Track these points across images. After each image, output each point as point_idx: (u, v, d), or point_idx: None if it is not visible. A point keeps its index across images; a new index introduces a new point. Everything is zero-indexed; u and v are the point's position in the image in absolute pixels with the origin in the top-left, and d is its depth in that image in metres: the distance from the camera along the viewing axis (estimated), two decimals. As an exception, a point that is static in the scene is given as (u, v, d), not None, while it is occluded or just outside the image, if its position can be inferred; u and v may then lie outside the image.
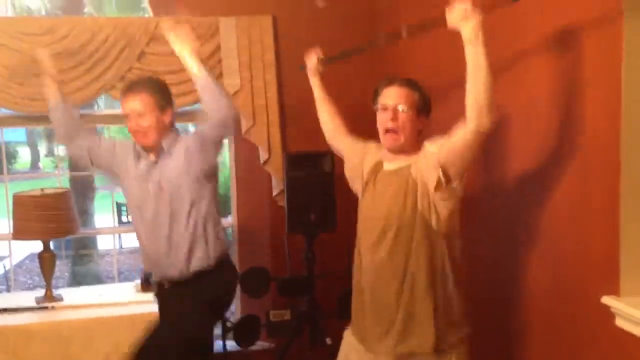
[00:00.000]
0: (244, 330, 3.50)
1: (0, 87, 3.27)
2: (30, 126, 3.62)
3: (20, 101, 3.32)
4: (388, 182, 2.12)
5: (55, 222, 3.16)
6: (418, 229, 2.00)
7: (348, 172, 2.37)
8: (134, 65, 3.40)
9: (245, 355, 3.68)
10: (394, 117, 2.06)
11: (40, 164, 18.93)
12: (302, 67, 2.78)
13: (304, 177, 3.35)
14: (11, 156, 15.84)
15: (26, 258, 8.46)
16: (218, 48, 3.50)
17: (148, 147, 2.63)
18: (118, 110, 3.72)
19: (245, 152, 3.74)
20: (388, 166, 2.16)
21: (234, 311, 4.08)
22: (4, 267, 7.32)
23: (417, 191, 2.01)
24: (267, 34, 3.57)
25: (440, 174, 1.94)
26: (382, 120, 2.11)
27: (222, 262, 2.70)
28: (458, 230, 2.08)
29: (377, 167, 2.20)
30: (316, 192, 3.33)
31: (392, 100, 2.08)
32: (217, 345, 3.50)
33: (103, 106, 7.18)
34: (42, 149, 19.85)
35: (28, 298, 3.27)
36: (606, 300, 1.80)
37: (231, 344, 3.54)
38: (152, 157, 2.65)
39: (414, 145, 2.10)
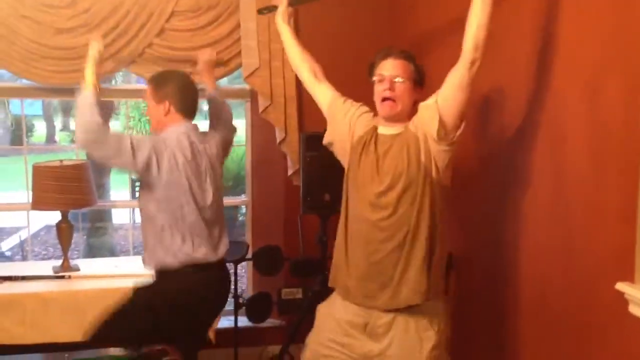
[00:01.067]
0: (256, 307, 3.55)
1: (22, 58, 3.30)
2: (51, 98, 3.67)
3: (42, 73, 3.34)
4: (388, 144, 2.20)
5: (73, 194, 3.21)
6: (422, 182, 2.11)
7: (333, 134, 2.43)
8: (153, 41, 3.41)
9: (257, 331, 3.73)
10: (391, 87, 2.17)
11: (57, 138, 19.07)
12: (264, 10, 2.86)
13: (320, 157, 3.36)
14: (27, 129, 15.93)
15: (41, 229, 8.59)
16: (237, 27, 3.49)
17: None
18: (135, 85, 3.77)
19: (261, 131, 3.76)
20: (384, 130, 2.24)
21: (245, 288, 4.14)
22: (20, 237, 7.44)
23: (419, 145, 2.12)
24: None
25: (437, 122, 2.09)
26: (379, 90, 2.20)
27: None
28: (450, 183, 2.22)
29: (373, 130, 2.27)
30: (331, 173, 3.32)
31: (389, 71, 2.18)
32: (229, 320, 3.56)
33: (120, 81, 7.22)
34: (58, 123, 19.98)
35: (45, 267, 3.33)
36: (620, 286, 1.80)
37: (243, 320, 3.59)
38: None
39: (409, 115, 2.22)
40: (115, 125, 11.10)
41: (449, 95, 2.12)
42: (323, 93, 2.48)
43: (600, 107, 1.94)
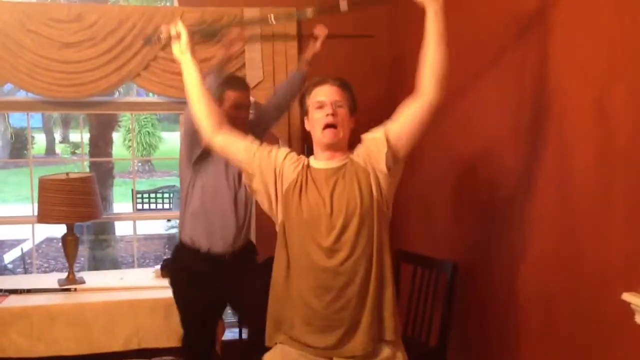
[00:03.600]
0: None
1: (27, 72, 3.32)
2: (54, 111, 3.68)
3: (47, 86, 3.37)
4: (333, 179, 2.00)
5: (79, 206, 3.23)
6: (377, 216, 1.99)
7: (257, 183, 2.08)
8: (159, 54, 3.44)
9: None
10: (334, 113, 2.00)
11: (58, 150, 19.11)
12: (149, 41, 2.75)
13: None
14: (24, 142, 15.95)
15: (42, 242, 8.59)
16: (242, 39, 3.53)
17: None
18: (136, 98, 3.80)
19: (266, 142, 3.77)
20: (323, 165, 2.04)
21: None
22: (22, 249, 7.43)
23: (370, 179, 1.99)
24: (291, 27, 3.59)
25: (387, 156, 1.98)
26: (319, 117, 2.01)
27: None
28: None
29: (306, 169, 2.05)
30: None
31: (329, 97, 2.02)
32: (233, 333, 3.56)
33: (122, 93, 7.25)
34: (58, 135, 20.04)
35: (50, 280, 3.34)
36: (626, 297, 1.81)
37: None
38: None
39: (347, 143, 2.06)
40: (115, 137, 11.23)
41: (403, 132, 1.99)
42: (234, 143, 2.13)
43: (607, 115, 1.95)
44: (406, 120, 1.99)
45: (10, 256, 7.94)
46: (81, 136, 5.08)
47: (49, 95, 3.42)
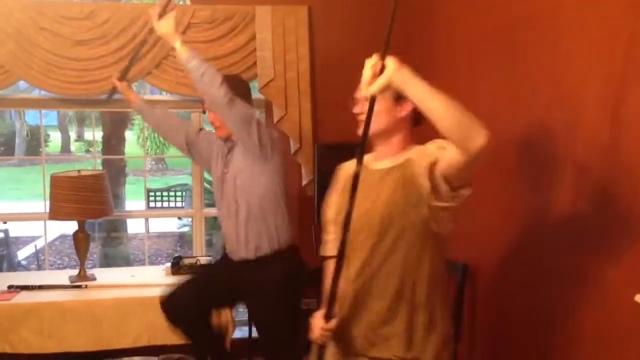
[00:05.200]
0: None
1: (40, 70, 3.34)
2: (68, 109, 3.71)
3: (60, 84, 3.39)
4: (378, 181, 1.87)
5: (90, 204, 3.23)
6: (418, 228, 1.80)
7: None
8: (170, 52, 3.44)
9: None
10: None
11: (73, 148, 19.25)
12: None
13: (334, 168, 3.36)
14: (39, 140, 16.11)
15: (56, 239, 8.66)
16: (253, 38, 3.52)
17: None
18: (149, 96, 3.81)
19: (276, 141, 3.77)
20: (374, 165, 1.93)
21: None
22: (35, 246, 7.49)
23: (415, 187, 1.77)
24: (302, 24, 3.58)
25: (442, 182, 1.70)
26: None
27: None
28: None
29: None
30: (346, 183, 3.34)
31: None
32: (243, 331, 3.56)
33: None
34: (73, 133, 20.18)
35: (61, 277, 3.36)
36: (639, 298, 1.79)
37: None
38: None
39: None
40: (129, 136, 11.27)
41: (453, 167, 1.67)
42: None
43: (623, 118, 1.93)
44: (451, 159, 1.66)
45: (24, 253, 8.01)
46: (93, 134, 5.11)
47: (61, 93, 3.44)
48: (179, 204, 9.58)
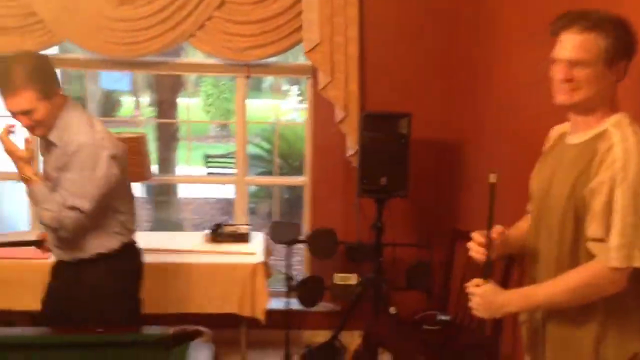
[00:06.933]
0: (307, 291, 3.45)
1: (83, 29, 3.32)
2: (112, 70, 3.73)
3: (104, 45, 3.36)
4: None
5: (130, 166, 3.18)
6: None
7: None
8: (213, 13, 3.34)
9: (307, 314, 3.64)
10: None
11: (141, 113, 19.77)
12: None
13: (380, 138, 3.20)
14: (114, 104, 16.57)
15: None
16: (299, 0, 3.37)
17: None
18: (205, 60, 3.73)
19: (321, 110, 3.63)
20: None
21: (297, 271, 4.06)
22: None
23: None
24: (352, -17, 3.39)
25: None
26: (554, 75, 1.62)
27: None
28: None
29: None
30: (390, 155, 3.17)
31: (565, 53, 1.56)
32: (280, 302, 3.49)
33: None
34: (145, 99, 20.69)
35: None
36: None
37: (294, 303, 3.50)
38: None
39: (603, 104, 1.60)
40: (193, 103, 11.33)
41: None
42: None
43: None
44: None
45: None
46: (136, 101, 5.09)
47: (104, 53, 3.41)
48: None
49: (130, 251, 2.41)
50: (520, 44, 2.83)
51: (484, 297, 1.64)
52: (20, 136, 2.21)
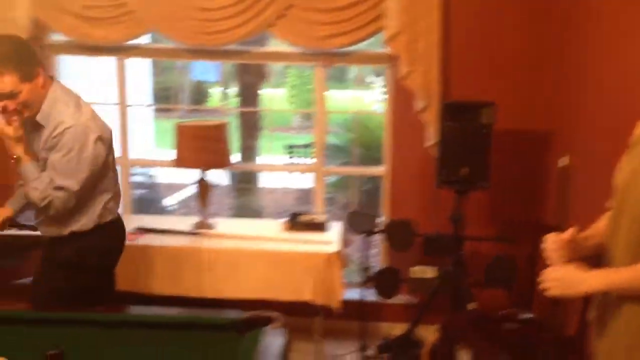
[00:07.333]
0: (384, 282, 3.41)
1: (166, 19, 3.40)
2: (195, 60, 3.84)
3: (185, 34, 3.44)
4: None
5: (210, 154, 3.27)
6: None
7: None
8: (294, 2, 3.34)
9: (383, 306, 3.61)
10: None
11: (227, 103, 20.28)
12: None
13: (461, 128, 3.09)
14: (203, 95, 17.07)
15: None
16: (379, -14, 3.31)
17: None
18: (282, 49, 3.75)
19: (401, 99, 3.56)
20: None
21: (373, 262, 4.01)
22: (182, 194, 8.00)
23: None
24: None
25: None
26: None
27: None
28: None
29: None
30: (471, 146, 3.06)
31: None
32: (355, 293, 3.47)
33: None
34: (232, 89, 21.18)
35: (187, 223, 3.44)
36: None
37: (370, 294, 3.47)
38: None
39: None
40: (278, 93, 11.46)
41: None
42: None
43: None
44: None
45: (175, 198, 8.58)
46: (223, 92, 5.19)
47: (186, 43, 3.50)
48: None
49: (110, 229, 2.44)
50: (618, 39, 2.65)
51: (565, 272, 1.59)
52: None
